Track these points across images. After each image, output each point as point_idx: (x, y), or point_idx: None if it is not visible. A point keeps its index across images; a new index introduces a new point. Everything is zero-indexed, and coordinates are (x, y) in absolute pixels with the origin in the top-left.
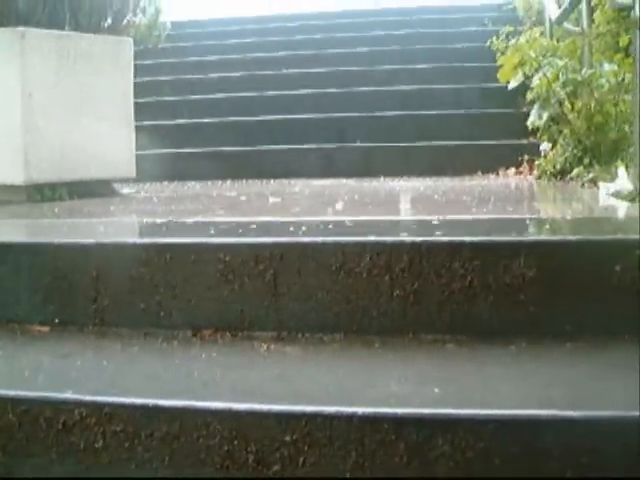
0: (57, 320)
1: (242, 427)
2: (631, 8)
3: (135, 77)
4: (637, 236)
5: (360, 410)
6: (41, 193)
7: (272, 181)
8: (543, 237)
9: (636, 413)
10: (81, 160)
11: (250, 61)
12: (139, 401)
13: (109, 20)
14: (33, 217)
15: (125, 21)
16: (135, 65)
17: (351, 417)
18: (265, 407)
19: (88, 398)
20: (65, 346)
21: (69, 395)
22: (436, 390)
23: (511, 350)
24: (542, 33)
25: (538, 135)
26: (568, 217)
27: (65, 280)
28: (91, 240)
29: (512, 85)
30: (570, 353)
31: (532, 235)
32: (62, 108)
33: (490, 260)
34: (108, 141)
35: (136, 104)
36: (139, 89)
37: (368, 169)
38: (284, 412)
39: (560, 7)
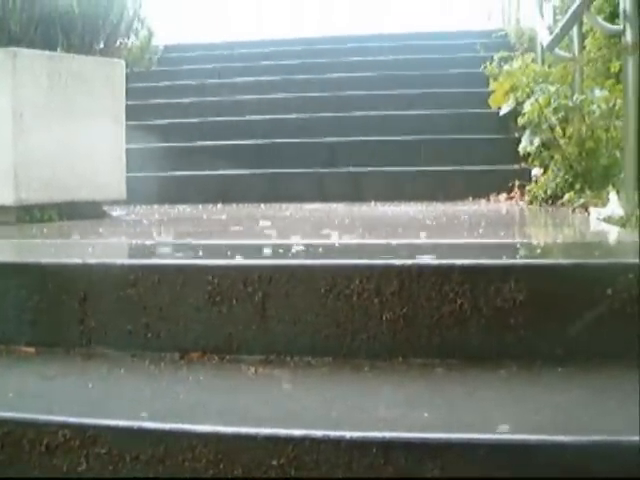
0: (43, 341)
1: (229, 450)
2: (622, 34)
3: (127, 99)
4: (628, 260)
5: (348, 434)
6: (30, 214)
7: (262, 205)
8: (534, 261)
9: (628, 438)
10: (71, 181)
11: (241, 85)
12: (124, 423)
13: (101, 42)
14: (21, 237)
15: (117, 43)
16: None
17: (339, 441)
18: (252, 430)
19: (72, 420)
20: (51, 367)
21: (53, 417)
22: (425, 414)
23: (501, 374)
24: (534, 59)
25: (529, 160)
26: (559, 241)
27: (52, 301)
28: (79, 261)
29: (504, 111)
30: (561, 377)
31: (523, 258)
32: (53, 129)
33: (480, 284)
34: (99, 163)
35: (128, 126)
36: (130, 111)
37: (359, 194)
38: (271, 436)
39: (552, 33)
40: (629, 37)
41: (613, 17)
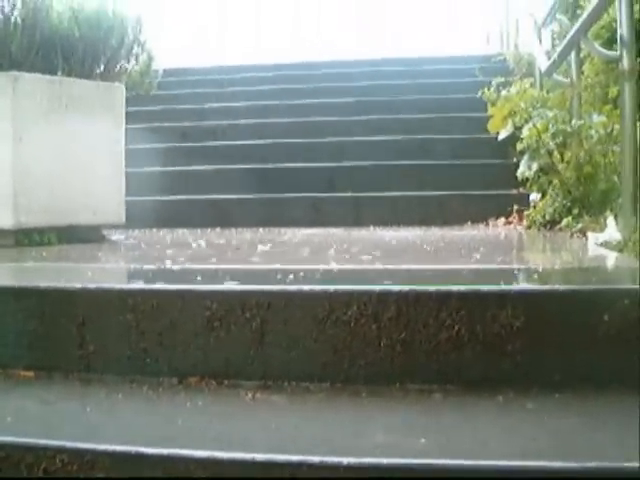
0: (42, 365)
1: (226, 476)
2: (619, 60)
3: (127, 123)
4: (626, 286)
5: (345, 460)
6: (29, 237)
7: (261, 229)
8: (531, 286)
9: (625, 464)
10: (70, 205)
11: (240, 109)
12: (121, 448)
13: (102, 66)
14: (20, 261)
15: (118, 67)
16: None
17: (336, 467)
18: (249, 456)
19: (70, 445)
20: (49, 392)
21: (51, 441)
22: (422, 440)
23: (499, 400)
24: (532, 84)
25: (527, 185)
26: (557, 267)
27: (51, 325)
28: (78, 285)
29: (502, 136)
30: (558, 404)
31: (520, 285)
32: (52, 152)
33: (478, 310)
34: (98, 187)
35: (127, 149)
36: (130, 135)
37: (357, 218)
38: (268, 461)
39: (550, 59)
40: (626, 63)
41: (610, 43)
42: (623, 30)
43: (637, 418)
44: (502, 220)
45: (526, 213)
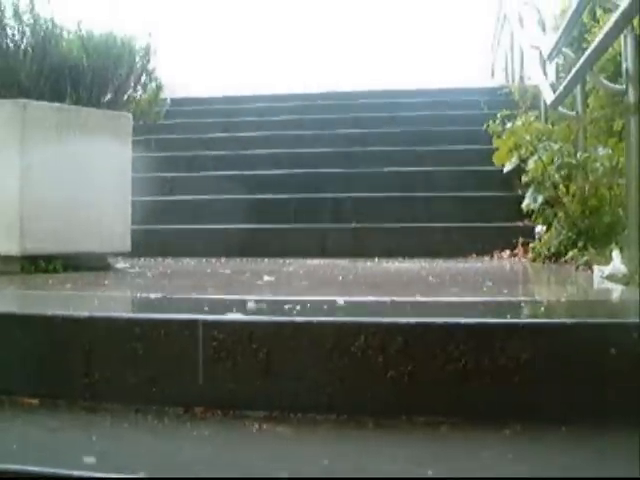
0: (47, 393)
1: None
2: (624, 93)
3: (134, 152)
4: (633, 319)
5: None
6: (35, 264)
7: (266, 260)
8: (538, 320)
9: None
10: (77, 233)
11: (246, 139)
12: (126, 477)
13: (110, 95)
14: (26, 288)
15: (126, 96)
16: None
17: None
18: None
19: (76, 474)
20: (54, 420)
21: (56, 470)
22: (429, 472)
23: (506, 433)
24: (537, 117)
25: (533, 218)
26: (563, 300)
27: (57, 353)
28: (85, 313)
29: (507, 168)
30: (566, 437)
31: (527, 317)
32: (60, 180)
33: (485, 342)
34: (104, 215)
35: (133, 178)
36: (136, 164)
37: (362, 250)
38: None
39: (555, 92)
40: (632, 96)
41: (616, 76)
42: (628, 64)
43: None
44: (507, 252)
45: (531, 245)
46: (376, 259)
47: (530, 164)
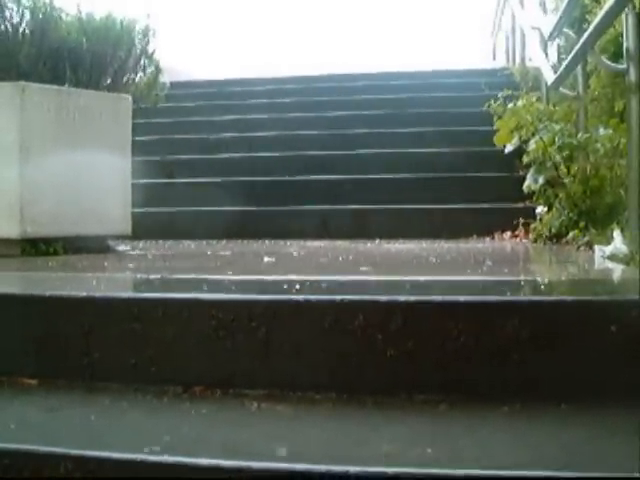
0: (46, 373)
1: None
2: (626, 73)
3: (133, 135)
4: (633, 297)
5: (352, 469)
6: (36, 247)
7: (267, 241)
8: (538, 297)
9: (632, 475)
10: (77, 216)
11: (246, 122)
12: (126, 456)
13: (109, 78)
14: (26, 270)
15: (125, 79)
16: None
17: (342, 476)
18: (254, 464)
19: (74, 452)
20: (53, 399)
21: (54, 449)
22: (429, 450)
23: (505, 411)
24: (538, 98)
25: (534, 199)
26: (563, 278)
27: (56, 333)
28: (83, 293)
29: (508, 149)
30: (565, 414)
31: (527, 295)
32: (59, 163)
33: (484, 320)
34: (104, 197)
35: (133, 161)
36: (136, 147)
37: (363, 231)
38: (273, 470)
39: (556, 72)
40: (633, 76)
41: (617, 56)
42: (629, 43)
43: None
44: (508, 233)
45: (532, 226)
46: (377, 240)
47: (531, 145)
